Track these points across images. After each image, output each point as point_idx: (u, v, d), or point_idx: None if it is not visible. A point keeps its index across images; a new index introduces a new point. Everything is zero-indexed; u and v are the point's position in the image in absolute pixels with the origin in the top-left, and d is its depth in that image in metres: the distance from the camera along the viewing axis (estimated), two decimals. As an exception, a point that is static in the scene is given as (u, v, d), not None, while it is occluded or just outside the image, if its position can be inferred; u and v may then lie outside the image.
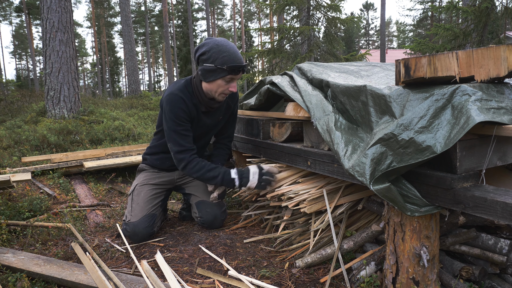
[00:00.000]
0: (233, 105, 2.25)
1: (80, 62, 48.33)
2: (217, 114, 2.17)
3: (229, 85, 1.95)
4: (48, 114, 6.62)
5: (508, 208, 0.99)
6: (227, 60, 1.86)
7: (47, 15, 6.38)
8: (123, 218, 2.15)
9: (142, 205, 2.09)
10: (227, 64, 1.86)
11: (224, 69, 1.86)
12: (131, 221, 2.05)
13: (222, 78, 1.90)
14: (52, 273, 1.62)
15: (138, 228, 2.02)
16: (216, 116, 2.17)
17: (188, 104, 1.99)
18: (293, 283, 1.58)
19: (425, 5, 32.14)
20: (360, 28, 47.41)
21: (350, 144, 1.38)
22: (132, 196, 2.17)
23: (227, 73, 1.88)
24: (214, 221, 2.19)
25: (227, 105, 2.20)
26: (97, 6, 37.72)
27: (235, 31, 39.71)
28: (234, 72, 1.89)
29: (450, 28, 7.13)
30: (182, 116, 1.97)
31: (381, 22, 18.40)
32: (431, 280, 1.33)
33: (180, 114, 1.96)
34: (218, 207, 2.20)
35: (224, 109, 2.20)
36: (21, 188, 3.15)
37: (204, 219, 2.18)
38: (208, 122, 2.15)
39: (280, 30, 8.95)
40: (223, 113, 2.21)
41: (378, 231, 1.65)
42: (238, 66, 1.87)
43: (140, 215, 2.05)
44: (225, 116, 2.24)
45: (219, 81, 1.92)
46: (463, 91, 1.12)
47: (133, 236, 2.03)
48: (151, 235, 2.10)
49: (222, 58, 1.85)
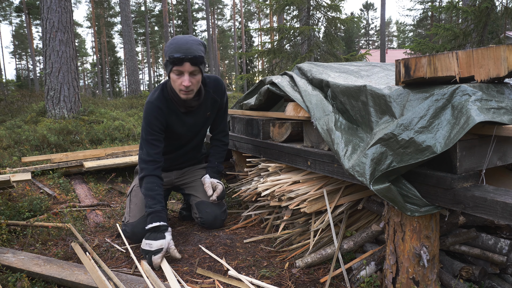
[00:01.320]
0: (220, 99, 2.19)
1: (80, 62, 48.33)
2: (201, 112, 2.12)
3: (181, 79, 1.85)
4: (48, 114, 6.62)
5: (508, 208, 0.99)
6: (171, 51, 1.80)
7: (47, 15, 6.38)
8: (122, 219, 2.15)
9: (140, 205, 2.08)
10: (168, 54, 1.80)
11: (168, 61, 1.82)
12: (129, 222, 2.04)
13: (172, 72, 1.85)
14: (52, 273, 1.62)
15: (137, 228, 2.01)
16: (201, 114, 2.13)
17: (164, 111, 1.97)
18: (293, 283, 1.58)
19: (425, 5, 32.13)
20: (360, 28, 47.42)
21: (350, 144, 1.38)
22: (130, 197, 2.16)
23: (171, 65, 1.82)
24: (214, 222, 2.19)
25: (212, 100, 2.14)
26: (97, 6, 37.71)
27: (235, 31, 39.71)
28: (176, 63, 1.79)
29: (450, 28, 7.13)
30: (155, 125, 1.96)
31: (381, 22, 18.40)
32: (431, 280, 1.33)
33: (153, 122, 1.95)
34: (218, 208, 2.20)
35: (210, 104, 2.14)
36: (21, 188, 3.15)
37: (204, 220, 2.18)
38: (193, 122, 2.11)
39: (280, 30, 8.95)
40: (209, 109, 2.15)
41: (378, 231, 1.65)
42: (177, 57, 1.77)
43: (139, 216, 2.04)
44: (214, 111, 2.19)
45: (172, 75, 1.87)
46: (463, 91, 1.12)
47: (133, 237, 2.03)
48: None
49: (169, 50, 1.81)
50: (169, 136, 2.11)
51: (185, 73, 1.84)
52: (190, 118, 2.09)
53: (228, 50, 49.95)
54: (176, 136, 2.14)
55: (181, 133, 2.11)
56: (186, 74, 1.84)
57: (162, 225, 1.82)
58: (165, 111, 1.98)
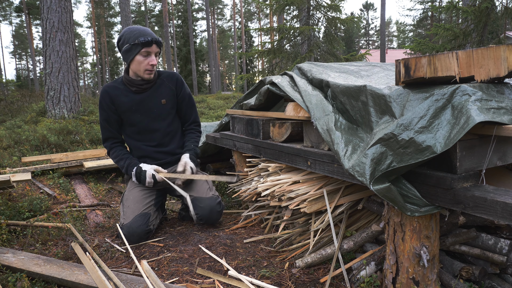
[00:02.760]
0: (176, 88, 2.34)
1: (80, 62, 48.34)
2: (155, 94, 2.27)
3: (148, 59, 2.13)
4: (48, 114, 6.62)
5: (508, 208, 0.99)
6: (138, 35, 2.09)
7: (47, 15, 6.38)
8: (119, 224, 2.16)
9: (132, 206, 2.12)
10: (138, 38, 2.08)
11: (137, 44, 2.09)
12: (124, 224, 2.06)
13: (139, 53, 2.11)
14: (52, 273, 1.62)
15: (132, 228, 2.03)
16: (155, 97, 2.27)
17: (111, 94, 2.22)
18: (293, 283, 1.58)
19: (425, 5, 32.14)
20: (360, 28, 47.42)
21: (350, 144, 1.38)
22: (123, 202, 2.20)
23: (141, 47, 2.09)
24: (210, 214, 2.19)
25: (167, 87, 2.31)
26: (97, 6, 37.72)
27: (235, 31, 39.71)
28: (145, 45, 2.09)
29: (450, 28, 7.12)
30: (105, 103, 2.22)
31: (381, 22, 18.40)
32: (431, 280, 1.33)
33: (102, 102, 2.23)
34: (211, 200, 2.20)
35: (165, 91, 2.30)
36: (21, 188, 3.15)
37: (200, 214, 2.18)
38: (145, 100, 2.25)
39: (280, 30, 8.95)
40: (164, 95, 2.30)
41: (378, 231, 1.65)
42: (148, 39, 2.08)
43: (132, 216, 2.07)
44: (170, 100, 2.32)
45: (138, 57, 2.12)
46: (463, 91, 1.12)
47: (130, 237, 2.04)
48: (148, 233, 2.10)
49: (133, 36, 2.10)
50: (127, 117, 2.26)
51: (152, 54, 2.14)
52: (140, 96, 2.25)
53: (228, 50, 49.96)
54: (134, 117, 2.26)
55: (136, 111, 2.25)
56: (152, 55, 2.15)
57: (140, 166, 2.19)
58: (113, 93, 2.23)
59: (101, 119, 2.26)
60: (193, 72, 25.91)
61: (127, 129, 2.30)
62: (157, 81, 2.29)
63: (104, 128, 2.28)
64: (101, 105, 2.23)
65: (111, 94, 2.22)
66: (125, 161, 2.24)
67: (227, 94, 18.27)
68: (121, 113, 2.25)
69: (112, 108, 2.23)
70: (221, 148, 3.16)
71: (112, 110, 2.23)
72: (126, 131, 2.31)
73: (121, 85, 2.25)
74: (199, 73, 35.81)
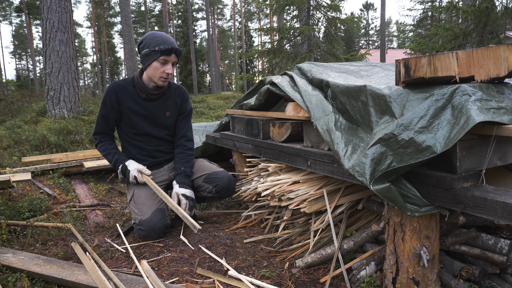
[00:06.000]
0: (181, 103, 2.37)
1: (80, 62, 48.34)
2: (162, 106, 2.30)
3: (165, 67, 2.14)
4: (48, 114, 6.62)
5: (508, 208, 0.99)
6: (159, 43, 2.10)
7: (47, 15, 6.38)
8: (132, 222, 2.14)
9: (147, 203, 2.12)
10: (159, 45, 2.09)
11: (156, 51, 2.09)
12: (143, 219, 2.05)
13: (156, 60, 2.12)
14: (52, 273, 1.62)
15: (153, 222, 2.04)
16: (161, 109, 2.30)
17: (118, 94, 2.21)
18: (293, 283, 1.58)
19: (425, 5, 32.14)
20: (360, 28, 47.43)
21: (350, 144, 1.38)
22: (134, 200, 2.18)
23: (159, 55, 2.10)
24: (229, 184, 2.29)
25: (173, 101, 2.34)
26: (97, 6, 37.72)
27: (235, 31, 39.71)
28: (165, 53, 2.10)
29: (450, 28, 7.12)
30: (109, 101, 2.21)
31: (381, 22, 18.40)
32: (431, 280, 1.33)
33: (107, 99, 2.21)
34: (225, 172, 2.32)
35: (171, 105, 2.33)
36: (21, 188, 3.15)
37: (220, 185, 2.26)
38: (151, 109, 2.27)
39: (280, 30, 8.94)
40: (170, 109, 2.33)
41: (378, 231, 1.65)
42: (168, 47, 2.10)
43: (150, 211, 2.07)
44: (173, 113, 2.35)
45: (155, 63, 2.13)
46: (463, 91, 1.12)
47: (151, 232, 2.04)
48: (166, 227, 2.13)
49: (155, 42, 2.11)
50: (129, 119, 2.26)
51: (169, 63, 2.15)
52: (148, 104, 2.27)
53: (228, 50, 49.96)
54: (136, 121, 2.26)
55: (140, 116, 2.26)
56: (170, 64, 2.16)
57: (126, 164, 2.23)
58: (120, 94, 2.22)
59: (100, 114, 2.26)
60: (193, 72, 25.90)
61: (124, 127, 2.31)
62: (166, 93, 2.31)
63: (99, 122, 2.29)
64: (104, 101, 2.22)
65: (118, 94, 2.21)
66: (113, 156, 2.26)
67: (227, 94, 18.26)
68: (124, 114, 2.26)
69: (116, 107, 2.23)
70: (221, 148, 3.15)
71: (115, 109, 2.23)
72: (122, 128, 2.32)
73: (131, 87, 2.24)
74: (199, 73, 35.82)
